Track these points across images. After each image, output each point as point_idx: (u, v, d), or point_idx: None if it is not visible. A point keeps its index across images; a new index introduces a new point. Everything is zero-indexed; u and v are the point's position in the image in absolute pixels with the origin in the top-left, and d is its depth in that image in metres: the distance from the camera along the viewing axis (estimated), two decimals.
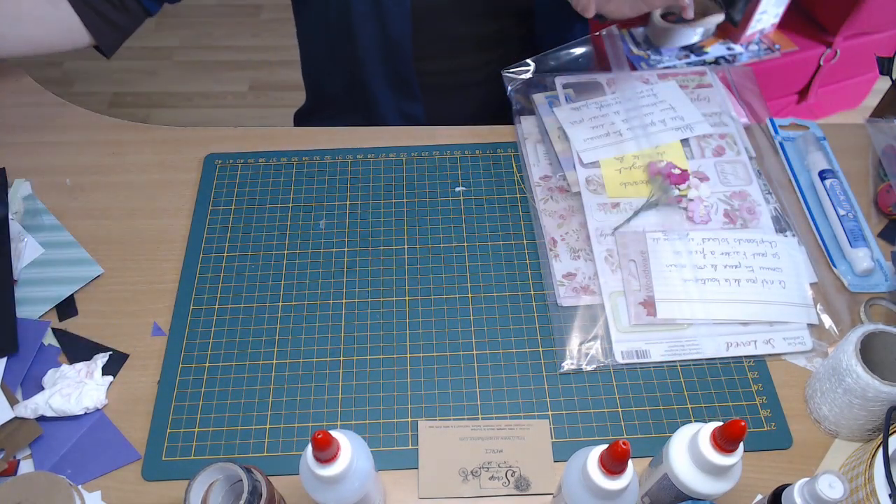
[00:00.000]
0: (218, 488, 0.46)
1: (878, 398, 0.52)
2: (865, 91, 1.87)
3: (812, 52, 1.59)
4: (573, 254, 0.67)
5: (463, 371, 0.61)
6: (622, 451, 0.39)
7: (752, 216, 0.68)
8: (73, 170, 0.75)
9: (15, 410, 0.57)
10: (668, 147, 0.73)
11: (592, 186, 0.70)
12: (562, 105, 0.76)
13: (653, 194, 0.69)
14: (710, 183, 0.71)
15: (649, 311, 0.63)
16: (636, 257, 0.65)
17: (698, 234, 0.67)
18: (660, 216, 0.68)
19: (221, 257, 0.68)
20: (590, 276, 0.65)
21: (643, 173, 0.71)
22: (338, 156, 0.76)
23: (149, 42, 2.15)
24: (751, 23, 1.50)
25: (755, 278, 0.64)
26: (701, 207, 0.68)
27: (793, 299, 0.63)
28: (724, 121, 0.76)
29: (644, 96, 0.77)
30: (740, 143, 0.74)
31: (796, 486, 0.44)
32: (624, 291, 0.64)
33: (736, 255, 0.65)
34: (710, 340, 0.62)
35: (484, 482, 0.55)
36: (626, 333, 0.62)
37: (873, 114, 0.92)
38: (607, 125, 0.74)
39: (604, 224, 0.68)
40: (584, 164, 0.72)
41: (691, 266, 0.65)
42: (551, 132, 0.74)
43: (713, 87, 0.79)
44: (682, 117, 0.75)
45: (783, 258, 0.66)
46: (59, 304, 0.64)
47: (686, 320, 0.62)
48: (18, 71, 0.85)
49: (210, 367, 0.61)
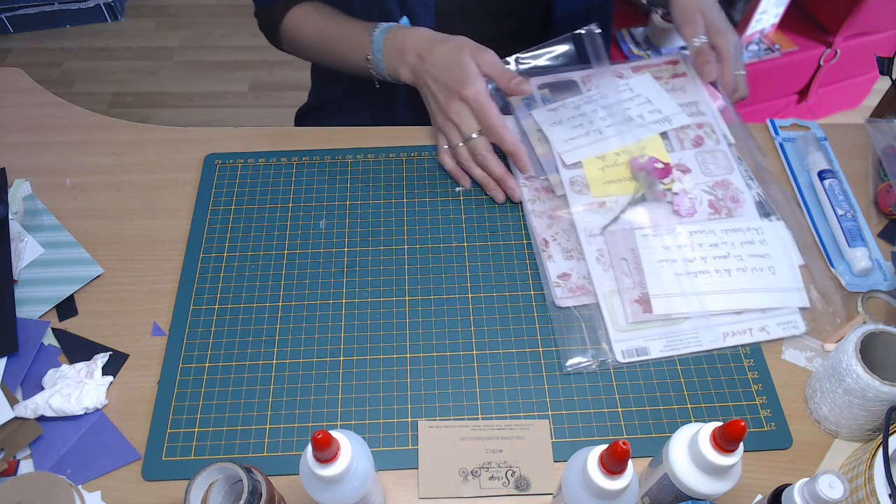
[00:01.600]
0: (218, 488, 0.46)
1: (878, 398, 0.52)
2: (865, 91, 1.87)
3: (812, 52, 1.59)
4: (566, 254, 0.67)
5: (463, 371, 0.61)
6: (622, 451, 0.39)
7: (736, 204, 0.68)
8: (73, 170, 0.75)
9: (15, 410, 0.57)
10: (648, 142, 0.72)
11: (577, 187, 0.70)
12: (539, 106, 0.76)
13: (638, 190, 0.69)
14: (693, 174, 0.70)
15: (645, 308, 0.63)
16: (627, 255, 0.65)
17: (685, 227, 0.67)
18: (646, 212, 0.68)
19: (221, 257, 0.68)
20: (584, 276, 0.65)
21: (626, 170, 0.71)
22: (338, 156, 0.76)
23: (149, 42, 2.15)
24: (751, 23, 1.50)
25: (745, 267, 0.64)
26: (686, 200, 0.68)
27: (783, 284, 0.64)
28: (700, 109, 0.75)
29: (621, 91, 0.77)
30: (718, 130, 0.73)
31: (796, 486, 0.44)
32: (618, 290, 0.64)
33: (724, 246, 0.66)
34: (707, 332, 0.62)
35: (484, 482, 0.55)
36: (624, 332, 0.62)
37: (873, 114, 0.92)
38: (586, 124, 0.74)
39: (592, 224, 0.68)
40: (567, 166, 0.71)
41: (682, 260, 0.65)
42: (531, 135, 0.74)
43: (687, 76, 0.78)
44: (660, 110, 0.75)
45: (771, 244, 0.66)
46: (59, 304, 0.64)
47: (682, 314, 0.62)
48: (18, 71, 0.85)
49: (210, 367, 0.61)
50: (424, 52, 0.70)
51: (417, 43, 0.71)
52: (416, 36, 0.71)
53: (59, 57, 2.10)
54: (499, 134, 0.68)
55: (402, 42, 0.72)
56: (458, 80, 0.68)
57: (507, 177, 0.70)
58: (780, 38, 1.59)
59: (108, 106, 1.98)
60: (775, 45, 1.57)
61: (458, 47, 0.69)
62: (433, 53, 0.69)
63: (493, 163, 0.70)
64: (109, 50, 2.13)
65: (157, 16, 2.23)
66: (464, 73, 0.68)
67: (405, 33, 0.72)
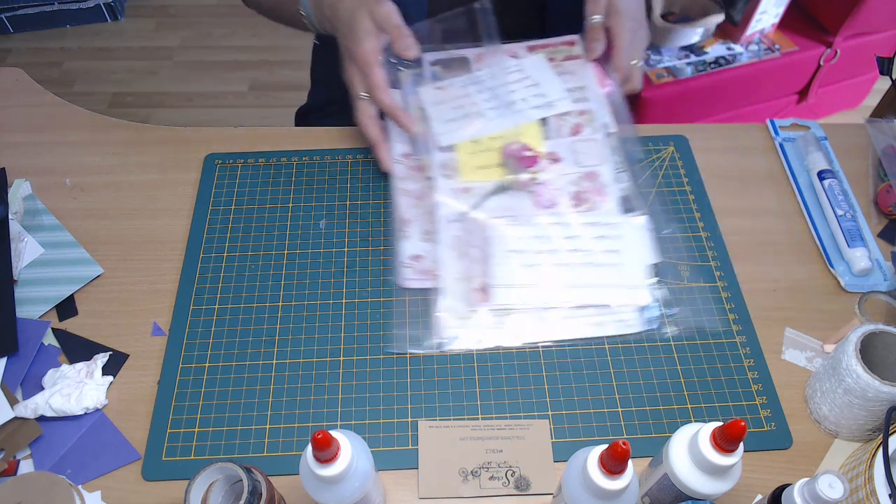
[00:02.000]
0: (218, 488, 0.46)
1: (878, 398, 0.52)
2: (865, 91, 1.87)
3: (812, 52, 1.59)
4: (425, 236, 0.66)
5: (463, 371, 0.61)
6: (622, 451, 0.39)
7: (600, 197, 0.67)
8: (73, 170, 0.75)
9: (15, 410, 0.57)
10: (526, 127, 0.71)
11: (447, 171, 0.68)
12: (426, 83, 0.74)
13: (503, 178, 0.68)
14: (564, 164, 0.69)
15: (484, 297, 0.62)
16: (479, 243, 0.64)
17: (543, 218, 0.66)
18: (508, 200, 0.67)
19: (221, 257, 0.68)
20: (436, 261, 0.64)
21: (498, 156, 0.69)
22: (338, 156, 0.76)
23: (149, 42, 2.15)
24: (751, 23, 1.50)
25: (593, 261, 0.64)
26: (549, 190, 0.67)
27: (628, 281, 0.63)
28: (586, 95, 0.72)
29: (511, 72, 0.74)
30: (599, 119, 0.71)
31: (796, 486, 0.44)
32: (463, 277, 0.63)
33: (577, 240, 0.65)
34: (541, 324, 0.61)
35: (484, 482, 0.55)
36: (460, 319, 0.61)
37: (873, 114, 0.92)
38: (468, 105, 0.72)
39: (453, 209, 0.67)
40: (442, 148, 0.70)
41: (531, 251, 0.64)
42: (413, 112, 0.72)
43: (580, 59, 0.74)
44: (545, 94, 0.72)
45: (625, 240, 0.65)
46: (59, 304, 0.64)
47: (519, 306, 0.62)
48: (18, 71, 0.85)
49: (210, 367, 0.61)
50: (335, 3, 0.67)
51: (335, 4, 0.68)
52: None
53: (59, 57, 2.10)
54: (377, 97, 0.66)
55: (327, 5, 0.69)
56: (352, 38, 0.65)
57: (378, 147, 0.69)
58: (780, 38, 1.59)
59: (108, 106, 1.98)
60: (775, 45, 1.57)
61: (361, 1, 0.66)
62: (340, 8, 0.67)
63: (369, 128, 0.68)
64: (109, 50, 2.13)
65: (157, 16, 2.24)
66: (356, 29, 0.65)
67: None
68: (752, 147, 0.78)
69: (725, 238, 0.70)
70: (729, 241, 0.69)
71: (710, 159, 0.76)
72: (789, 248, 0.70)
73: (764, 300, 0.66)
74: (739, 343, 0.63)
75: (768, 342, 0.63)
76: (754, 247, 0.70)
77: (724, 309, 0.65)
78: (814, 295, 0.66)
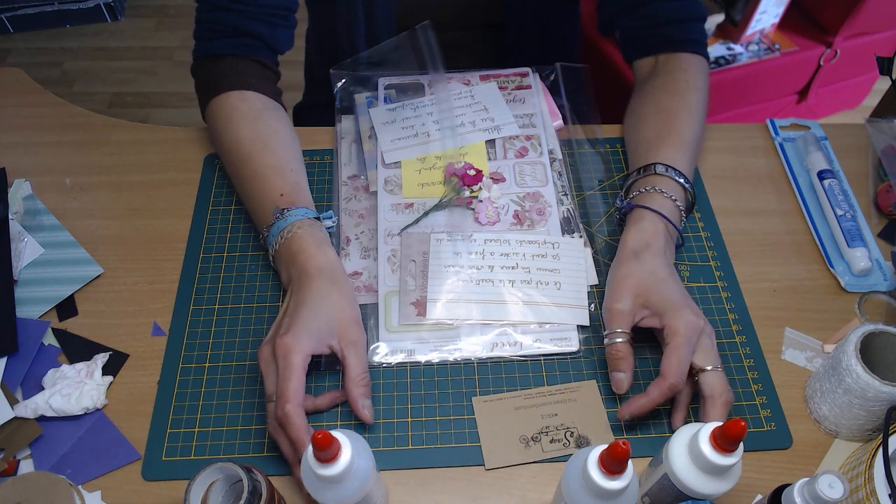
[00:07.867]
0: (218, 488, 0.46)
1: (878, 398, 0.52)
2: (865, 91, 1.87)
3: (812, 52, 1.59)
4: (364, 253, 0.67)
5: (463, 371, 0.61)
6: (622, 451, 0.39)
7: (541, 217, 0.68)
8: (73, 170, 0.75)
9: (15, 410, 0.57)
10: (472, 148, 0.73)
11: (390, 187, 0.70)
12: (379, 105, 0.76)
13: (445, 195, 0.69)
14: (506, 184, 0.70)
15: (419, 311, 0.62)
16: (417, 257, 0.65)
17: (482, 235, 0.67)
18: (449, 217, 0.68)
19: (221, 257, 0.68)
20: (374, 276, 0.65)
21: (441, 174, 0.71)
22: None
23: (149, 42, 2.15)
24: (751, 23, 1.50)
25: (531, 280, 0.64)
26: (489, 208, 0.68)
27: (566, 300, 0.63)
28: (533, 122, 0.75)
29: (461, 97, 0.77)
30: (545, 144, 0.73)
31: (796, 486, 0.44)
32: (399, 291, 0.64)
33: (515, 257, 0.65)
34: (476, 340, 0.61)
35: (546, 445, 0.56)
36: (394, 333, 0.62)
37: (873, 114, 0.92)
38: (418, 126, 0.74)
39: (394, 224, 0.68)
40: (387, 165, 0.71)
41: (469, 267, 0.65)
42: (363, 132, 0.74)
43: (531, 89, 0.78)
44: (493, 118, 0.75)
45: (563, 259, 0.66)
46: (59, 304, 0.64)
47: (455, 320, 0.62)
48: (18, 71, 0.85)
49: (210, 367, 0.61)
50: (300, 281, 0.58)
51: (302, 268, 0.59)
52: (306, 255, 0.59)
53: (59, 57, 2.10)
54: (282, 408, 0.51)
55: (291, 253, 0.60)
56: (292, 322, 0.55)
57: (292, 462, 0.53)
58: (780, 38, 1.59)
59: (108, 106, 1.98)
60: (775, 45, 1.57)
61: (328, 314, 0.56)
62: (303, 291, 0.57)
63: (278, 438, 0.53)
64: (109, 50, 2.13)
65: (157, 16, 2.23)
66: (302, 318, 0.55)
67: (300, 243, 0.60)
68: (752, 147, 0.78)
69: (725, 238, 0.70)
70: (729, 241, 0.69)
71: (710, 159, 0.76)
72: (789, 248, 0.70)
73: (764, 300, 0.66)
74: (739, 343, 0.63)
75: (768, 342, 0.63)
76: (754, 247, 0.70)
77: (725, 309, 0.65)
78: (814, 295, 0.66)
